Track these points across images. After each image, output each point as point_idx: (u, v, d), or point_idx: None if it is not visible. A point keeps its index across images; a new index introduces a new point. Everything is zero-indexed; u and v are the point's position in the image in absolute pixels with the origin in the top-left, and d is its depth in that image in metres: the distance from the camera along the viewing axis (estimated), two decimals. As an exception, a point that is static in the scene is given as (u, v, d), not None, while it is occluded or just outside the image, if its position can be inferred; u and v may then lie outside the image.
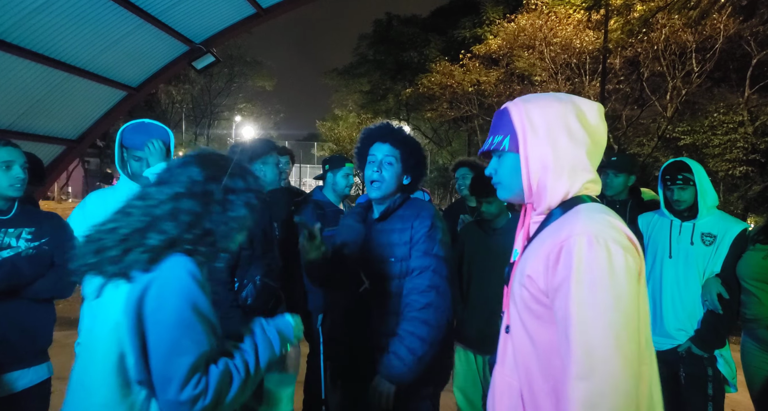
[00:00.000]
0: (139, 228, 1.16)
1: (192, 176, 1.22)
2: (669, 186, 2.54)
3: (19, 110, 4.60)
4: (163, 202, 1.18)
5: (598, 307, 0.96)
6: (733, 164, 12.41)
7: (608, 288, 0.96)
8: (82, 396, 1.19)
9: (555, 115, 1.12)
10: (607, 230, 1.01)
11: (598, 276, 0.97)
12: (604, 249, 0.98)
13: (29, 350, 2.02)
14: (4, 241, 1.95)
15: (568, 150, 1.10)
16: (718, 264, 2.42)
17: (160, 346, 1.09)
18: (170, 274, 1.13)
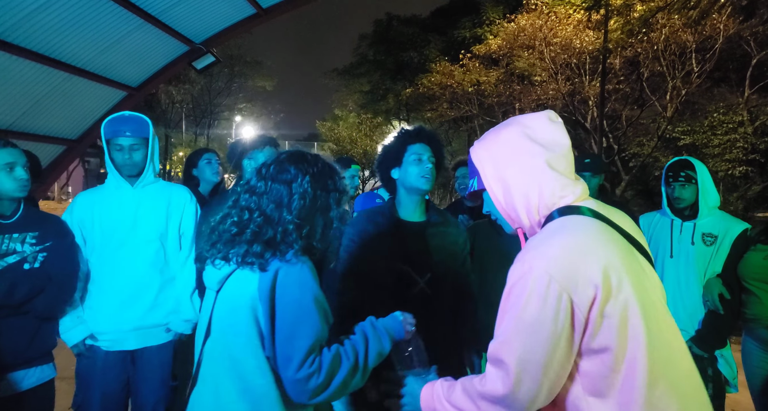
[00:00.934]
0: (269, 222, 1.31)
1: (310, 179, 1.35)
2: (671, 183, 2.54)
3: (19, 110, 4.60)
4: (289, 203, 1.32)
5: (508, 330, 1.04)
6: (733, 164, 12.41)
7: (518, 316, 1.02)
8: (228, 368, 1.30)
9: (502, 142, 1.17)
10: (543, 260, 1.01)
11: (513, 304, 1.03)
12: (530, 280, 1.01)
13: (36, 352, 2.03)
14: (10, 247, 1.96)
15: (524, 171, 1.13)
16: (719, 264, 2.43)
17: (283, 329, 1.25)
18: (294, 266, 1.28)
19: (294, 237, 1.30)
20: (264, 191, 1.34)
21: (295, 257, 1.29)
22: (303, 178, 1.35)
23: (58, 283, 2.05)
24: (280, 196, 1.33)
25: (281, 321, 1.25)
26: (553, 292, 0.98)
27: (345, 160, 3.45)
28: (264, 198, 1.34)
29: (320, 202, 1.37)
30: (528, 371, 1.00)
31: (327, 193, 1.38)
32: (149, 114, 21.68)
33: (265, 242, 1.29)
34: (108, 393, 2.19)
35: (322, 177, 1.38)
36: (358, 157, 22.01)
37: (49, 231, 2.09)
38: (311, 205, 1.34)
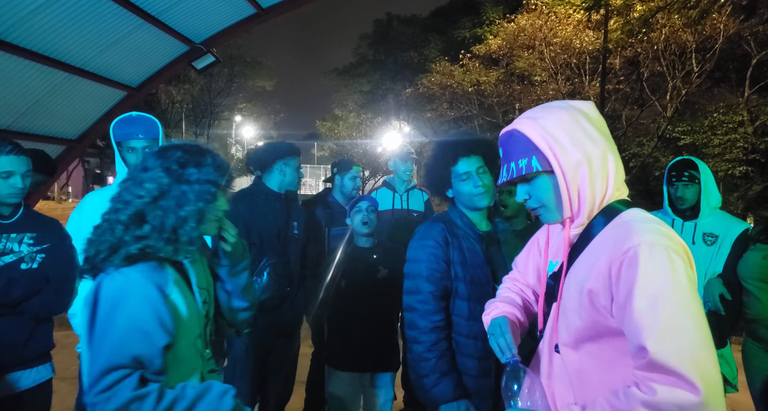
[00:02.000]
0: (102, 235, 1.25)
1: (154, 178, 1.25)
2: (674, 182, 2.53)
3: (19, 110, 4.60)
4: (120, 210, 1.25)
5: (665, 307, 0.95)
6: (733, 164, 12.42)
7: (674, 296, 0.96)
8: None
9: (569, 123, 1.09)
10: (665, 240, 0.99)
11: (661, 280, 0.96)
12: (666, 258, 0.97)
13: (33, 352, 2.03)
14: (7, 246, 1.96)
15: (595, 153, 1.08)
16: (719, 264, 2.42)
17: (89, 346, 1.17)
18: (107, 280, 1.20)
19: (116, 246, 1.22)
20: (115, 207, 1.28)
21: (115, 269, 1.20)
22: (163, 180, 1.25)
23: (55, 285, 2.05)
24: (120, 202, 1.27)
25: (90, 337, 1.17)
26: (685, 266, 0.98)
27: (346, 162, 3.46)
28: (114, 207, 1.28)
29: (168, 201, 1.24)
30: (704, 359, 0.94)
31: (179, 186, 1.26)
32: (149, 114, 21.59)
33: (92, 256, 1.24)
34: None
35: (173, 171, 1.26)
36: (358, 157, 22.02)
37: (48, 233, 2.09)
38: (152, 208, 1.24)
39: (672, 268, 0.96)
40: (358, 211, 2.66)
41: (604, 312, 1.03)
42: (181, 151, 1.29)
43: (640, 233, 1.00)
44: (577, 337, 1.09)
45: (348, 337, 2.60)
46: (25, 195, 2.03)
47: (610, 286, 1.01)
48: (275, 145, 2.88)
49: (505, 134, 1.16)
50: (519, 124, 1.13)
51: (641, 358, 0.96)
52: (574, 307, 1.09)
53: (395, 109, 23.55)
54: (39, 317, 2.03)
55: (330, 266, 2.68)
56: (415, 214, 3.69)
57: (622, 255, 1.00)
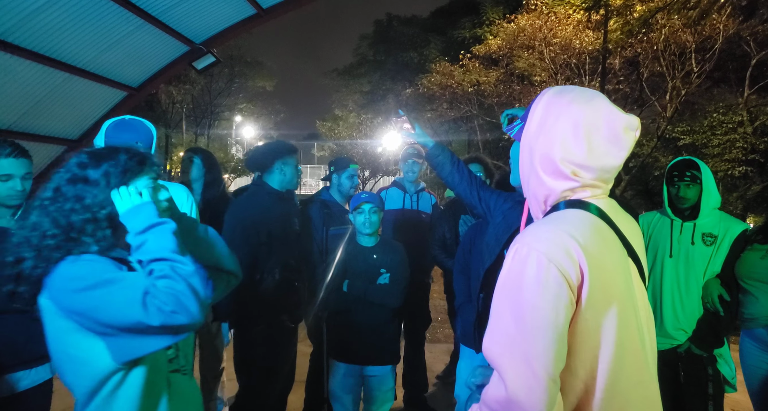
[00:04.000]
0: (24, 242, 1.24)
1: (52, 187, 1.26)
2: (675, 182, 2.53)
3: (19, 110, 4.60)
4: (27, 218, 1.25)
5: (503, 315, 0.96)
6: (733, 164, 12.42)
7: (515, 298, 0.95)
8: None
9: (576, 114, 1.04)
10: (541, 242, 0.96)
11: (510, 285, 0.97)
12: (526, 259, 0.95)
13: (34, 353, 2.04)
14: None
15: (574, 152, 1.03)
16: (718, 264, 2.43)
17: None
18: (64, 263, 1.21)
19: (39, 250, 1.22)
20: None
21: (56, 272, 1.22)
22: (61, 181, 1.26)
23: None
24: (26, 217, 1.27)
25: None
26: (551, 271, 0.93)
27: (343, 160, 3.45)
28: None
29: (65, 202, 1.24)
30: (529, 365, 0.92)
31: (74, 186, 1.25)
32: (150, 114, 21.67)
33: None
34: None
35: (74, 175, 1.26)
36: (358, 158, 22.01)
37: None
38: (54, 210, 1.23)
39: (530, 272, 0.94)
40: (360, 213, 2.68)
41: None
42: (84, 154, 1.31)
43: (524, 233, 1.01)
44: None
45: (348, 333, 2.63)
46: (26, 197, 2.03)
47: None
48: (274, 146, 2.90)
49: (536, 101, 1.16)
50: (543, 92, 1.12)
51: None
52: None
53: (395, 110, 23.53)
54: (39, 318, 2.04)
55: (330, 266, 2.69)
56: (424, 215, 3.69)
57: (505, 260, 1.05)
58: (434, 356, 4.51)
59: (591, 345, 0.96)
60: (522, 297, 0.94)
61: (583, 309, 0.95)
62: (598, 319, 0.96)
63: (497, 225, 1.92)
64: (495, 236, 1.88)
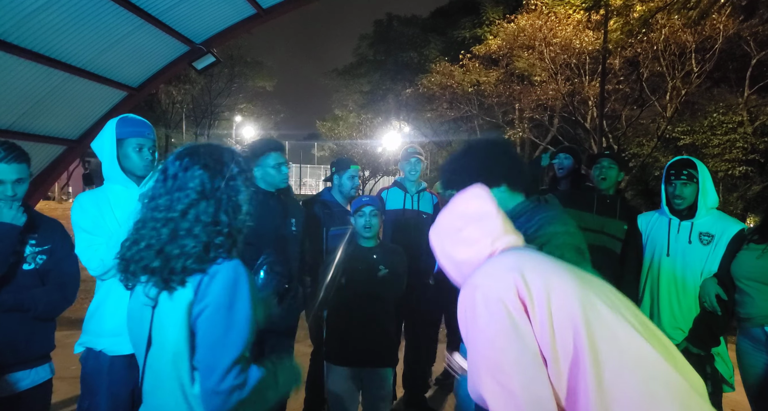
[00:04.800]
0: (169, 238, 1.27)
1: (201, 179, 1.29)
2: (672, 181, 2.53)
3: (19, 110, 4.61)
4: (185, 210, 1.27)
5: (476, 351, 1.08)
6: (733, 164, 12.42)
7: (475, 330, 1.08)
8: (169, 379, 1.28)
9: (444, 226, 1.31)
10: (475, 279, 1.13)
11: (468, 321, 1.10)
12: (469, 298, 1.10)
13: (34, 352, 2.04)
14: None
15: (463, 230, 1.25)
16: (715, 263, 2.43)
17: (208, 337, 1.23)
18: (222, 270, 1.25)
19: (216, 241, 1.27)
20: (169, 206, 1.28)
21: (221, 260, 1.27)
22: (204, 176, 1.30)
23: (60, 286, 2.06)
24: (187, 204, 1.28)
25: (208, 329, 1.23)
26: (492, 302, 1.06)
27: (344, 161, 3.46)
28: (170, 212, 1.28)
29: (226, 194, 1.32)
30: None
31: (230, 180, 1.33)
32: (150, 114, 21.65)
33: (185, 255, 1.25)
34: (115, 398, 2.09)
35: (220, 166, 1.33)
36: (358, 158, 22.01)
37: (50, 234, 2.10)
38: (219, 200, 1.30)
39: (473, 308, 1.08)
40: (361, 216, 2.68)
41: None
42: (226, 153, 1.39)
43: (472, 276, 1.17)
44: None
45: (347, 334, 2.62)
46: (20, 199, 2.03)
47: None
48: (252, 145, 2.88)
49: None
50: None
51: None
52: None
53: (395, 110, 23.53)
54: (42, 317, 2.04)
55: (330, 266, 2.69)
56: (425, 215, 3.68)
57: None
58: (434, 356, 4.50)
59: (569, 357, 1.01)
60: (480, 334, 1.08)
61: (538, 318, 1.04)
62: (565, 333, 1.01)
63: None
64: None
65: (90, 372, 2.10)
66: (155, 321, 1.29)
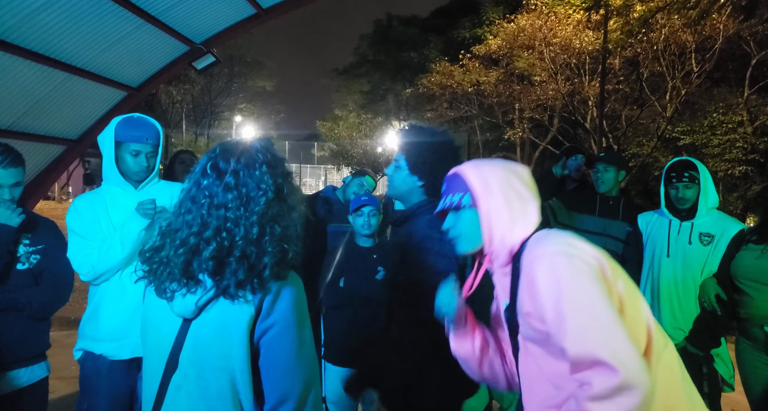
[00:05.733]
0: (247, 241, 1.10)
1: (273, 178, 1.15)
2: (674, 183, 2.53)
3: (19, 110, 4.60)
4: (264, 212, 1.12)
5: (566, 305, 1.06)
6: (733, 164, 12.42)
7: (570, 294, 1.06)
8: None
9: (503, 176, 1.31)
10: (553, 246, 1.15)
11: (556, 283, 1.08)
12: (550, 262, 1.12)
13: (30, 351, 2.05)
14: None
15: (516, 204, 1.27)
16: (715, 264, 2.43)
17: (280, 361, 1.09)
18: (289, 287, 1.12)
19: (282, 250, 1.12)
20: (241, 205, 1.12)
21: (286, 276, 1.13)
22: (274, 175, 1.15)
23: (54, 285, 2.06)
24: (265, 204, 1.12)
25: (278, 349, 1.09)
26: (581, 264, 1.09)
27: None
28: (247, 211, 1.12)
29: (286, 197, 1.17)
30: (619, 345, 1.01)
31: (285, 181, 1.18)
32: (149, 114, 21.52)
33: (251, 266, 1.09)
34: (115, 399, 2.07)
35: (280, 165, 1.19)
36: (358, 157, 22.03)
37: (44, 234, 2.10)
38: (281, 204, 1.15)
39: (560, 269, 1.09)
40: (360, 215, 2.69)
41: (541, 330, 1.15)
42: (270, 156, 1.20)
43: (533, 251, 1.18)
44: (537, 352, 1.20)
45: (345, 334, 2.62)
46: (16, 201, 2.03)
47: (533, 304, 1.15)
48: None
49: (451, 175, 1.39)
50: (463, 167, 1.36)
51: (566, 359, 1.06)
52: (526, 333, 1.21)
53: (395, 110, 23.56)
54: (36, 317, 2.04)
55: (330, 266, 2.69)
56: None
57: (526, 276, 1.16)
58: (434, 356, 4.51)
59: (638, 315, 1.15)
60: (573, 291, 1.06)
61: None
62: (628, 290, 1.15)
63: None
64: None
65: (88, 373, 2.10)
66: (194, 335, 1.12)
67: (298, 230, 1.18)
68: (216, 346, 1.09)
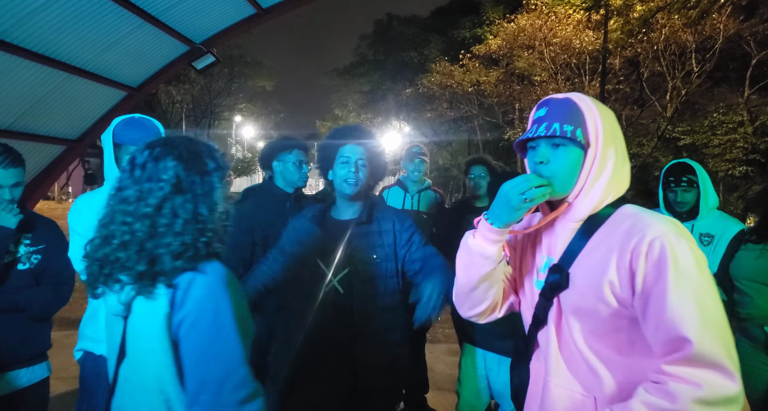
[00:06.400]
0: (146, 235, 1.13)
1: (176, 170, 1.16)
2: (673, 188, 2.54)
3: (19, 110, 4.60)
4: (159, 204, 1.14)
5: (701, 297, 0.96)
6: (733, 164, 12.42)
7: (706, 286, 0.97)
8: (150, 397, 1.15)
9: (614, 119, 1.15)
10: (682, 230, 1.02)
11: (693, 270, 0.97)
12: (689, 248, 0.99)
13: (31, 351, 2.04)
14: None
15: (621, 152, 1.13)
16: (715, 264, 2.43)
17: (198, 350, 1.10)
18: (204, 276, 1.12)
19: (192, 241, 1.13)
20: (139, 198, 1.15)
21: (202, 265, 1.13)
22: (178, 168, 1.17)
23: (54, 285, 2.06)
24: (161, 198, 1.14)
25: (193, 339, 1.10)
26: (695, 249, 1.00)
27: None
28: (142, 205, 1.14)
29: (202, 189, 1.19)
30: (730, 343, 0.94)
31: (205, 175, 1.20)
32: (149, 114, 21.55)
33: (152, 260, 1.11)
34: None
35: (196, 160, 1.20)
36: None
37: (44, 234, 2.10)
38: (196, 195, 1.17)
39: (696, 258, 0.99)
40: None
41: (626, 304, 1.03)
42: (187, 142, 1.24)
43: (657, 225, 1.02)
44: (593, 330, 1.08)
45: None
46: (17, 202, 2.02)
47: (632, 277, 1.01)
48: (272, 143, 2.86)
49: (558, 99, 1.16)
50: (578, 99, 1.15)
51: (678, 350, 0.95)
52: (589, 301, 1.07)
53: (395, 109, 23.54)
54: (37, 317, 2.04)
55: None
56: (425, 216, 3.63)
57: (645, 246, 1.00)
58: (434, 356, 4.50)
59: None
60: (708, 285, 0.98)
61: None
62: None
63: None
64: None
65: (88, 374, 2.09)
66: (129, 332, 1.17)
67: (214, 223, 1.19)
68: (143, 341, 1.13)
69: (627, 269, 1.02)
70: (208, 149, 1.25)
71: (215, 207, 1.20)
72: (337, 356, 1.88)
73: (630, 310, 1.03)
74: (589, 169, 1.10)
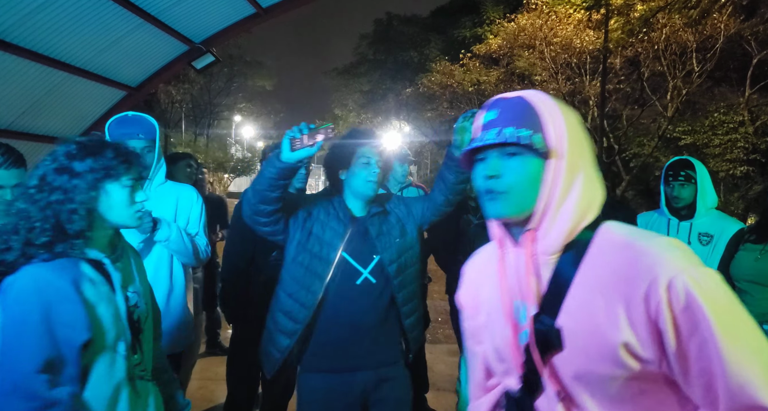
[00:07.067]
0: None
1: (45, 171, 1.22)
2: (670, 182, 2.54)
3: (18, 110, 4.59)
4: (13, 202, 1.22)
5: (756, 342, 0.77)
6: (734, 164, 12.42)
7: (743, 315, 0.78)
8: None
9: (579, 124, 0.93)
10: (691, 256, 0.81)
11: (732, 308, 0.78)
12: (714, 281, 0.78)
13: None
14: None
15: (590, 165, 0.91)
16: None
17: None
18: (15, 275, 1.15)
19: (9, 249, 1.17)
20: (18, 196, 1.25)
21: (22, 269, 1.16)
22: (48, 166, 1.23)
23: None
24: (19, 193, 1.24)
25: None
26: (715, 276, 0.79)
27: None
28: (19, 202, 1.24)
29: (52, 195, 1.21)
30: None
31: (75, 176, 1.22)
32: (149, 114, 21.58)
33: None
34: None
35: (65, 159, 1.24)
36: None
37: None
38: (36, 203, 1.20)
39: (724, 288, 0.78)
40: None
41: (653, 365, 0.81)
42: (73, 145, 1.27)
43: (664, 260, 0.79)
44: (610, 397, 0.85)
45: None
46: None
47: (658, 334, 0.78)
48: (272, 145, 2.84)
49: (510, 99, 0.93)
50: (533, 96, 0.92)
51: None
52: (600, 367, 0.83)
53: (395, 109, 23.52)
54: None
55: None
56: None
57: (663, 293, 0.76)
58: (434, 356, 4.49)
59: None
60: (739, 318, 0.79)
61: None
62: None
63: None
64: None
65: None
66: None
67: (35, 230, 1.19)
68: None
69: (646, 324, 0.78)
70: (93, 150, 1.26)
71: (75, 211, 1.21)
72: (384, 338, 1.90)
73: (659, 369, 0.81)
74: (552, 182, 0.87)
